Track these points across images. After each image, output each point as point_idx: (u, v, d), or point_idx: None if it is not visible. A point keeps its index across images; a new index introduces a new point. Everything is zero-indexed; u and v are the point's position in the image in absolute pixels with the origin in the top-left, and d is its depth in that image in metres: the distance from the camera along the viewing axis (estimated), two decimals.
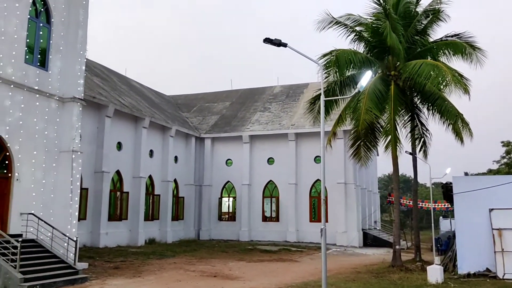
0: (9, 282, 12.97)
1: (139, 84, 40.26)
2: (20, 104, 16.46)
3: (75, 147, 18.16)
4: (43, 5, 17.81)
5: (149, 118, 30.16)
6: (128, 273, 16.87)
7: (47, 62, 17.79)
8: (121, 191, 28.10)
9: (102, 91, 28.27)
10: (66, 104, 18.27)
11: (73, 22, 18.74)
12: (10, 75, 16.08)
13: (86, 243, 24.10)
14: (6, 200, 15.99)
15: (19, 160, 16.37)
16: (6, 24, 16.05)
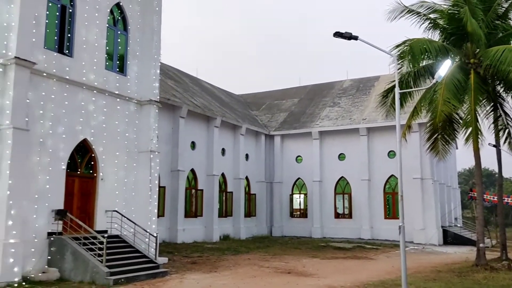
0: (97, 276, 13.88)
1: (210, 84, 41.32)
2: (103, 108, 17.54)
3: (153, 147, 19.05)
4: (120, 14, 18.82)
5: (220, 118, 30.87)
6: (205, 268, 17.41)
7: (125, 67, 18.79)
8: (195, 189, 29.06)
9: (175, 93, 29.37)
10: (144, 107, 19.20)
11: (147, 28, 19.64)
12: (93, 81, 17.19)
13: (165, 239, 25.20)
14: (92, 199, 17.13)
15: (103, 161, 17.46)
16: (88, 34, 17.17)
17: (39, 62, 14.98)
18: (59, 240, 14.83)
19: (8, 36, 14.33)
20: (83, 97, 16.79)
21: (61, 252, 14.67)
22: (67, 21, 16.49)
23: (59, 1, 16.31)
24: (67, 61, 16.26)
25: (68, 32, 16.49)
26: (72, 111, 16.29)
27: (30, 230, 14.41)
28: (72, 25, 16.63)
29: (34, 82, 14.92)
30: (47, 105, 15.45)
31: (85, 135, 16.83)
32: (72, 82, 16.34)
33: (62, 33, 16.30)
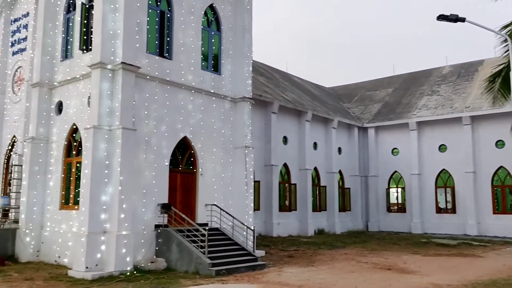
0: (200, 267, 14.57)
1: (300, 79, 41.24)
2: (200, 107, 18.32)
3: (247, 143, 19.51)
4: (213, 15, 19.47)
5: (311, 112, 30.70)
6: (301, 262, 17.46)
7: (220, 66, 19.43)
8: (289, 183, 29.24)
9: (267, 89, 29.75)
10: (238, 104, 19.71)
11: (239, 27, 20.10)
12: (191, 81, 18.01)
13: (261, 232, 25.71)
14: (193, 193, 17.99)
15: (202, 157, 18.24)
16: (184, 36, 18.00)
17: (142, 66, 16.04)
18: (165, 232, 15.80)
19: (115, 43, 15.52)
20: (182, 97, 17.66)
21: (167, 244, 15.61)
22: (166, 25, 17.43)
23: (158, 7, 17.31)
24: (167, 63, 17.21)
25: (167, 36, 17.43)
26: (173, 111, 17.22)
27: (140, 222, 15.53)
28: (170, 29, 17.55)
29: (139, 85, 16.01)
30: (151, 106, 16.49)
31: (185, 133, 17.70)
32: (172, 83, 17.26)
33: (161, 37, 17.28)
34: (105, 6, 15.45)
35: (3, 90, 23.18)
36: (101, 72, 15.15)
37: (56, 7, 18.28)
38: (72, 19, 17.82)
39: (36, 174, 17.29)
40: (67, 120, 17.24)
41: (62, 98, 17.63)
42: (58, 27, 18.15)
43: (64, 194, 16.90)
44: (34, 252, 16.79)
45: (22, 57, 22.37)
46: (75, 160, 16.75)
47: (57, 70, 17.96)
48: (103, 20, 15.34)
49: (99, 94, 15.07)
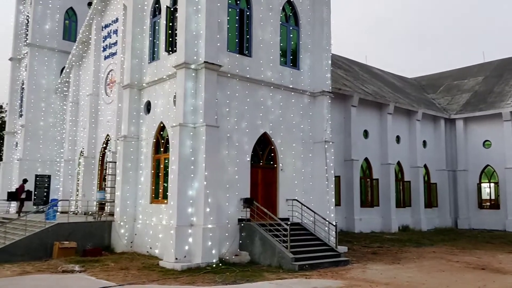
0: (282, 261, 14.70)
1: (380, 70, 39.92)
2: (279, 102, 18.42)
3: (327, 137, 19.30)
4: (291, 10, 19.45)
5: (393, 104, 29.61)
6: (386, 259, 16.97)
7: (298, 61, 19.38)
8: (370, 178, 28.48)
9: (346, 82, 29.17)
10: (317, 98, 19.56)
11: (317, 21, 19.90)
12: (270, 77, 18.17)
13: (342, 228, 25.33)
14: (274, 188, 18.16)
15: (282, 152, 18.35)
16: (263, 33, 18.18)
17: (224, 64, 16.46)
18: (249, 226, 16.14)
19: (198, 43, 16.09)
20: (262, 93, 17.88)
21: (251, 237, 15.94)
22: (245, 23, 17.72)
23: (237, 6, 17.64)
24: (247, 61, 17.51)
25: (247, 34, 17.71)
26: (253, 107, 17.50)
27: (224, 216, 16.01)
28: (250, 26, 17.81)
29: (221, 83, 16.45)
30: (232, 103, 16.89)
31: (265, 129, 17.91)
32: (252, 80, 17.53)
33: (241, 35, 17.60)
34: (188, 8, 16.05)
35: (97, 92, 25.02)
36: (186, 72, 15.78)
37: (143, 12, 19.32)
38: (158, 22, 18.73)
39: (129, 170, 18.46)
40: (155, 118, 18.19)
41: (150, 98, 18.63)
42: (145, 31, 19.18)
43: (153, 188, 17.88)
44: (128, 243, 17.97)
45: (113, 61, 23.97)
46: (163, 156, 17.64)
47: (145, 71, 19.00)
48: (186, 21, 15.95)
49: (183, 93, 15.71)
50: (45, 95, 28.82)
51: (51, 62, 29.21)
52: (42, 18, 29.17)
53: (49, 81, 29.05)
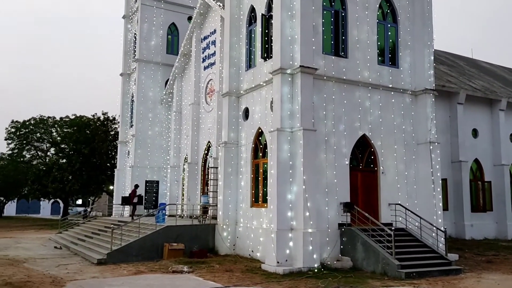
0: (387, 268, 14.12)
1: (489, 64, 36.84)
2: (378, 103, 17.81)
3: (431, 138, 18.24)
4: (389, 7, 18.74)
5: (505, 99, 27.10)
6: (504, 268, 15.53)
7: (397, 59, 18.59)
8: (482, 181, 26.31)
9: (450, 78, 27.36)
10: (419, 97, 18.58)
11: (418, 16, 18.93)
12: (367, 78, 17.66)
13: (451, 234, 23.67)
14: (375, 192, 17.56)
15: (382, 155, 17.70)
16: (359, 33, 17.74)
17: (319, 67, 16.35)
18: (349, 231, 15.78)
19: (293, 48, 16.17)
20: (359, 95, 17.44)
21: (352, 243, 15.56)
22: (340, 24, 17.44)
23: (332, 7, 17.43)
24: (343, 62, 17.21)
25: (342, 35, 17.42)
26: (350, 109, 17.13)
27: (324, 220, 15.84)
28: (345, 27, 17.50)
29: (317, 86, 16.35)
30: (329, 105, 16.69)
31: (364, 131, 17.42)
32: (349, 82, 17.18)
33: (336, 37, 17.35)
34: (283, 13, 16.21)
35: (198, 101, 26.30)
36: (282, 77, 15.94)
37: (239, 21, 19.92)
38: (254, 30, 19.18)
39: (230, 175, 19.08)
40: (253, 124, 18.60)
41: (248, 104, 19.12)
42: (242, 40, 19.75)
43: (253, 192, 18.28)
44: (231, 246, 18.55)
45: (212, 70, 25.05)
46: (262, 161, 17.96)
47: (243, 79, 19.54)
48: (281, 27, 16.13)
49: (280, 98, 15.87)
50: (152, 106, 30.96)
51: (156, 75, 31.34)
52: (148, 35, 31.43)
53: (155, 93, 31.18)
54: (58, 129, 50.01)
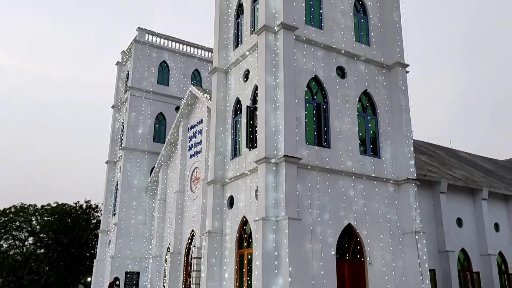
0: None
1: (468, 153, 38.00)
2: (362, 192, 17.98)
3: (417, 227, 18.22)
4: (368, 100, 19.67)
5: (487, 189, 27.58)
6: None
7: (379, 150, 19.13)
8: (470, 271, 25.83)
9: (431, 167, 27.98)
10: (401, 186, 18.86)
11: (396, 109, 19.83)
12: (350, 167, 18.00)
13: None
14: (363, 284, 17.07)
15: (369, 245, 17.49)
16: (341, 124, 18.40)
17: (303, 157, 16.69)
18: None
19: (277, 138, 16.61)
20: (343, 184, 17.64)
21: None
22: (322, 116, 18.14)
23: (314, 100, 18.24)
24: (326, 152, 17.62)
25: (324, 126, 18.04)
26: (335, 198, 17.22)
27: None
28: (327, 119, 18.18)
29: (301, 175, 16.55)
30: (313, 194, 16.78)
31: (349, 220, 17.37)
32: (332, 171, 17.46)
33: (319, 128, 17.94)
34: (267, 105, 16.87)
35: (183, 189, 26.25)
36: (266, 166, 16.16)
37: (225, 112, 20.60)
38: (239, 121, 19.79)
39: (213, 266, 18.50)
40: (238, 213, 18.46)
41: (233, 193, 19.11)
42: (227, 130, 20.28)
43: (238, 285, 17.60)
44: None
45: (198, 159, 25.34)
46: (246, 251, 17.54)
47: (228, 168, 19.74)
48: (266, 118, 16.69)
49: (265, 187, 15.96)
50: (136, 194, 30.71)
51: (142, 163, 31.51)
52: (136, 124, 32.11)
53: (140, 181, 31.10)
54: (38, 217, 48.76)
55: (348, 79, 19.10)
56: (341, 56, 19.12)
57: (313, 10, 19.08)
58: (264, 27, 17.52)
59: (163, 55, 34.22)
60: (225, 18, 21.61)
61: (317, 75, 18.27)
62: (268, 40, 17.47)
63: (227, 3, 21.86)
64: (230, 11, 21.61)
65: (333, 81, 18.63)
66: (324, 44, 18.68)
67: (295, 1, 18.23)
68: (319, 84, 18.38)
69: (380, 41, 20.56)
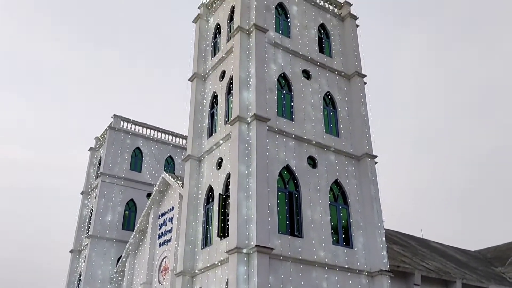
0: None
1: (440, 244, 38.09)
2: (336, 284, 17.53)
3: None
4: (339, 189, 19.95)
5: (460, 281, 27.33)
6: None
7: (351, 240, 19.03)
8: None
9: (404, 258, 27.77)
10: (375, 278, 18.53)
11: (367, 199, 20.10)
12: (323, 257, 17.71)
13: None
14: None
15: None
16: (313, 213, 18.41)
17: (275, 246, 16.39)
18: None
19: (249, 227, 16.38)
20: (316, 275, 17.22)
21: None
22: (295, 205, 18.17)
23: (286, 189, 18.37)
24: (298, 242, 17.39)
25: (297, 215, 18.00)
26: None
27: None
28: (299, 208, 18.20)
29: (273, 266, 16.13)
30: (286, 286, 16.24)
31: None
32: (305, 262, 17.11)
33: (291, 217, 17.89)
34: (240, 194, 16.86)
35: (150, 280, 25.03)
36: (238, 257, 15.74)
37: (197, 200, 20.41)
38: (211, 209, 19.57)
39: None
40: None
41: (202, 284, 18.31)
42: (199, 218, 19.95)
43: None
44: None
45: (167, 247, 24.52)
46: None
47: (198, 258, 19.12)
48: (238, 207, 16.59)
49: (236, 279, 15.40)
50: (100, 286, 29.00)
51: (109, 252, 30.21)
52: (105, 211, 31.27)
53: (105, 271, 29.57)
54: None
55: (319, 168, 19.50)
56: (312, 147, 19.68)
57: (284, 102, 19.95)
58: (237, 118, 18.09)
59: (137, 142, 34.43)
60: (200, 108, 22.26)
61: (289, 164, 18.62)
62: (241, 130, 17.95)
63: (203, 94, 22.66)
64: (205, 102, 22.34)
65: (304, 170, 18.96)
66: (295, 134, 19.29)
67: (267, 94, 19.09)
68: (291, 173, 18.66)
69: (349, 133, 21.39)
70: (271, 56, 20.25)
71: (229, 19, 22.58)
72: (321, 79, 21.72)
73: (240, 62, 19.36)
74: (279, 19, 21.94)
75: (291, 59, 21.01)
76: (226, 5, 23.13)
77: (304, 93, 20.72)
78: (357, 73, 22.70)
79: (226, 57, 21.33)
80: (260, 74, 19.10)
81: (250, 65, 19.43)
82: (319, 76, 21.71)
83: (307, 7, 23.26)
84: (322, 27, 23.57)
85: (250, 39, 19.98)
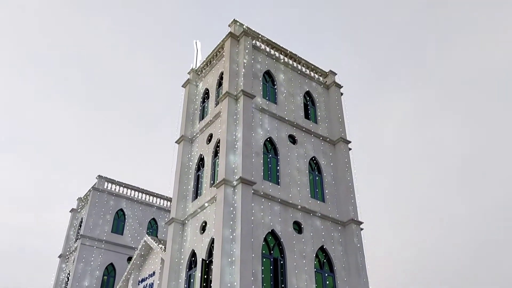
0: None
1: None
2: None
3: None
4: (325, 256, 19.58)
5: None
6: None
7: None
8: None
9: None
10: None
11: (353, 266, 19.72)
12: None
13: None
14: None
15: None
16: (298, 281, 17.90)
17: None
18: None
19: None
20: None
21: None
22: (279, 272, 17.69)
23: (271, 255, 17.97)
24: None
25: (281, 283, 17.47)
26: None
27: None
28: (284, 275, 17.71)
29: None
30: None
31: None
32: None
33: (276, 284, 17.34)
34: (223, 260, 16.41)
35: None
36: None
37: (179, 265, 19.79)
38: (193, 275, 18.93)
39: None
40: None
41: None
42: (180, 284, 19.23)
43: None
44: None
45: None
46: None
47: None
48: (221, 274, 16.08)
49: None
50: None
51: None
52: (82, 276, 30.04)
53: None
54: None
55: (305, 234, 19.25)
56: (298, 211, 19.56)
57: (270, 166, 20.05)
58: (223, 181, 18.04)
59: (121, 203, 33.86)
60: (186, 170, 22.21)
61: (274, 229, 18.36)
62: (227, 193, 17.84)
63: (189, 156, 22.72)
64: (192, 164, 22.35)
65: (290, 236, 18.69)
66: (281, 199, 19.21)
67: (253, 157, 19.22)
68: (276, 239, 18.35)
69: (334, 198, 21.39)
70: (258, 121, 20.64)
71: (218, 85, 23.21)
72: (306, 144, 22.05)
73: (227, 126, 19.66)
74: (266, 86, 22.63)
75: (278, 124, 21.42)
76: (215, 71, 23.87)
77: (290, 158, 20.92)
78: (342, 139, 23.14)
79: (214, 120, 21.66)
80: (247, 138, 19.34)
81: (237, 129, 19.72)
82: (304, 141, 22.06)
83: (294, 75, 24.13)
84: (307, 94, 24.35)
85: (238, 104, 20.44)
